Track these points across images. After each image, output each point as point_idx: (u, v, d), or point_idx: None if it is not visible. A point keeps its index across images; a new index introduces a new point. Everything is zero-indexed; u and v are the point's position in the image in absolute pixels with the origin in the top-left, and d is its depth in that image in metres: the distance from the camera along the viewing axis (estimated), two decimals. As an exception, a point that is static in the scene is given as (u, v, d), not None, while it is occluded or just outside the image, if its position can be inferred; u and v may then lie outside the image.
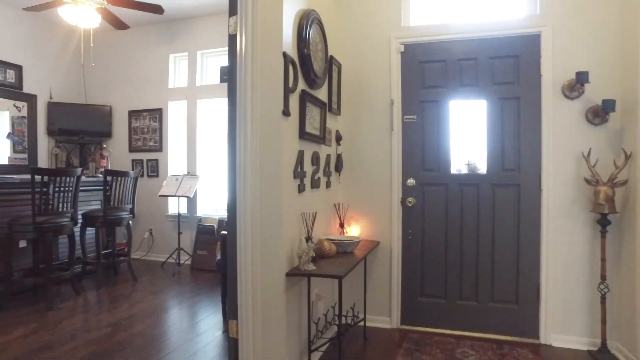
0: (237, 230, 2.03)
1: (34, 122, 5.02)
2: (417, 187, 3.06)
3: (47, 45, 5.17)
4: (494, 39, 2.87)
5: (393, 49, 3.07)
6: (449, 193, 3.01)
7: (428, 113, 3.04)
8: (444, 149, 3.01)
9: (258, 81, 1.99)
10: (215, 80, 4.97)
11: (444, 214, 3.02)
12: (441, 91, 3.01)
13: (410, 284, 3.08)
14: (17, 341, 2.80)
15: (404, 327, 3.08)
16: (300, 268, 2.13)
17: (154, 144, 5.22)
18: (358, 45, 3.15)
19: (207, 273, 4.61)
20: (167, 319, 3.25)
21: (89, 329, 3.02)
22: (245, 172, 1.98)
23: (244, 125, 1.98)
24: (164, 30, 5.18)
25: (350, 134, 3.17)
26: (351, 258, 2.44)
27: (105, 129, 5.39)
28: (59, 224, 3.58)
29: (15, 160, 4.83)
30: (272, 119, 2.04)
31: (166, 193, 4.70)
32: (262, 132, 2.01)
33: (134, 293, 3.89)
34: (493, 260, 2.91)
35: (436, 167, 3.03)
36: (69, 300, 3.66)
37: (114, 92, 5.46)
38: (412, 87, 3.06)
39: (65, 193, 3.61)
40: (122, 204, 4.17)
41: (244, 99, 1.98)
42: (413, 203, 3.06)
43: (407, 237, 3.09)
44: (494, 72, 2.88)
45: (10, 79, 4.78)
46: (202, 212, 5.02)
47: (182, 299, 3.74)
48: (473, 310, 2.95)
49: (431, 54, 3.02)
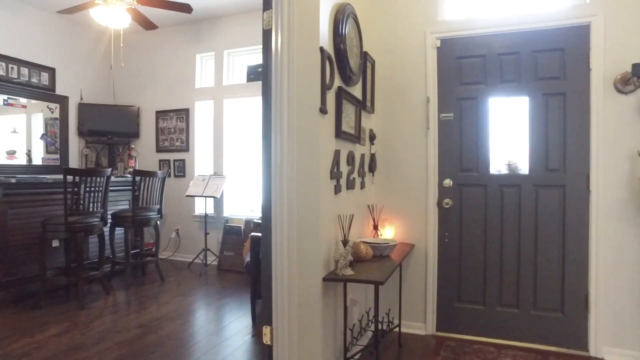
0: (272, 232, 1.95)
1: (65, 123, 5.10)
2: (454, 188, 2.93)
3: (78, 47, 5.26)
4: (537, 31, 2.71)
5: (429, 44, 2.94)
6: (488, 194, 2.86)
7: (466, 111, 2.91)
8: (483, 148, 2.87)
9: (295, 77, 1.91)
10: (242, 80, 4.94)
11: (482, 216, 2.88)
12: (480, 88, 2.87)
13: (446, 288, 2.95)
14: (51, 340, 2.81)
15: (440, 334, 2.95)
16: (337, 273, 2.04)
17: (181, 144, 5.23)
18: (392, 41, 3.04)
19: (233, 274, 4.57)
20: (195, 321, 3.21)
21: (119, 329, 3.01)
22: (282, 173, 1.90)
23: (280, 124, 1.91)
24: (191, 30, 5.18)
25: (384, 133, 3.07)
26: (388, 262, 2.33)
27: (133, 130, 5.44)
28: (90, 223, 3.60)
29: (48, 160, 4.92)
30: (309, 117, 1.96)
31: (193, 193, 4.69)
32: (299, 131, 1.93)
33: (161, 294, 3.88)
34: (536, 265, 2.75)
35: (474, 167, 2.90)
36: (99, 299, 3.68)
37: (141, 92, 5.50)
38: (449, 83, 2.93)
39: (96, 193, 3.63)
40: (150, 204, 4.18)
41: (280, 96, 1.91)
42: (450, 205, 2.93)
43: (443, 240, 2.96)
44: (537, 66, 2.72)
45: (44, 81, 4.87)
46: (228, 212, 4.99)
47: (210, 300, 3.70)
48: (514, 317, 2.79)
49: (469, 48, 2.88)
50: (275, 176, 1.91)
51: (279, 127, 1.91)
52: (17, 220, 3.57)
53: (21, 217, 3.60)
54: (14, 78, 4.59)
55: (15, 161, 4.61)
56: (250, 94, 4.83)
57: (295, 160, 1.92)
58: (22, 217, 3.61)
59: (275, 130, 1.92)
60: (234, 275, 4.52)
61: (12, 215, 3.52)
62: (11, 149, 4.59)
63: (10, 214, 3.51)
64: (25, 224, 3.63)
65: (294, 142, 1.91)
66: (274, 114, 1.94)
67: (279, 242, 1.91)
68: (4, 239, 3.46)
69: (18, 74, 4.63)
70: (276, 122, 1.92)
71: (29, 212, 3.66)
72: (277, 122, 1.92)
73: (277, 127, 1.92)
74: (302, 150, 1.94)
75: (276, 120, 1.92)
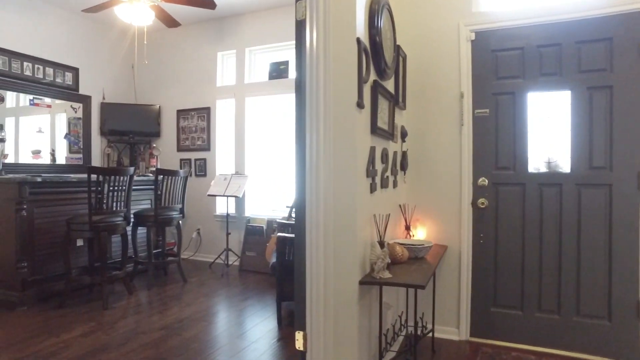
0: (307, 233, 1.86)
1: (88, 123, 5.12)
2: (489, 187, 2.80)
3: (100, 47, 5.27)
4: (581, 20, 2.56)
5: (462, 37, 2.82)
6: (526, 194, 2.72)
7: (502, 106, 2.77)
8: (521, 145, 2.73)
9: (331, 70, 1.81)
10: (264, 78, 4.88)
11: (520, 217, 2.73)
12: (517, 82, 2.73)
13: (481, 292, 2.82)
14: (77, 340, 2.77)
15: (474, 340, 2.82)
16: (374, 276, 1.93)
17: (202, 143, 5.19)
18: (424, 34, 2.92)
19: (256, 275, 4.51)
20: (219, 324, 3.14)
21: (144, 330, 2.96)
22: (318, 171, 1.81)
23: (316, 119, 1.81)
24: (212, 28, 5.15)
25: (415, 130, 2.95)
26: (425, 264, 2.22)
27: (154, 129, 5.43)
28: (113, 223, 3.57)
29: (71, 160, 4.94)
30: (346, 112, 1.86)
31: (215, 193, 4.64)
32: (336, 126, 1.83)
33: (184, 294, 3.83)
34: (579, 269, 2.60)
35: (511, 166, 2.76)
36: (122, 299, 3.65)
37: (162, 91, 5.49)
38: (484, 78, 2.80)
39: (119, 192, 3.60)
40: (173, 204, 4.14)
41: (316, 90, 1.81)
42: (485, 204, 2.80)
43: (478, 241, 2.83)
44: (580, 58, 2.57)
45: (68, 81, 4.89)
46: (250, 212, 4.93)
47: (233, 302, 3.64)
48: (555, 324, 2.64)
49: (506, 41, 2.74)
50: (311, 174, 1.82)
51: (314, 123, 1.82)
52: (43, 219, 3.57)
53: (46, 216, 3.60)
54: (39, 78, 4.62)
55: (40, 160, 4.64)
56: (272, 92, 4.77)
57: (332, 157, 1.82)
58: (47, 215, 3.61)
59: (310, 126, 1.83)
60: (256, 276, 4.45)
61: (38, 214, 3.52)
62: (36, 148, 4.61)
63: (36, 213, 3.51)
64: (50, 222, 3.62)
65: (330, 138, 1.81)
66: (309, 109, 1.85)
67: (314, 244, 1.82)
68: (31, 237, 3.46)
69: (43, 74, 4.66)
70: (311, 118, 1.83)
71: (53, 211, 3.66)
72: (312, 117, 1.83)
73: (313, 122, 1.82)
74: (338, 147, 1.84)
75: (311, 115, 1.83)
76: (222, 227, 4.98)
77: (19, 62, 4.44)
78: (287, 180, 4.80)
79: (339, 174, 1.85)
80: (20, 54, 4.44)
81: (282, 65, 4.74)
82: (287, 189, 4.78)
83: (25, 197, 3.37)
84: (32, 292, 3.44)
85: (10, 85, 4.36)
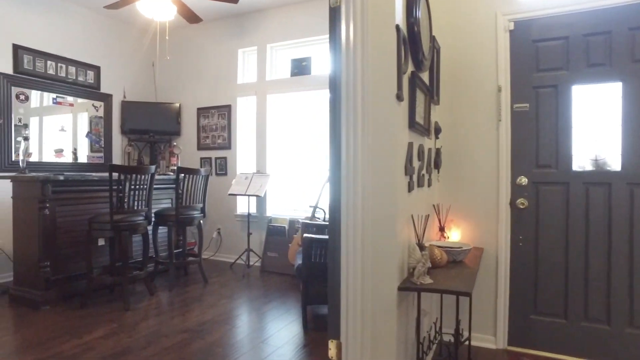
0: (342, 235, 1.74)
1: (109, 121, 5.10)
2: (529, 187, 2.63)
3: (121, 45, 5.25)
4: (634, 5, 2.37)
5: (500, 27, 2.65)
6: (570, 193, 2.54)
7: (544, 100, 2.60)
8: (564, 141, 2.55)
9: (370, 59, 1.68)
10: (286, 74, 4.77)
11: (563, 218, 2.55)
12: (561, 74, 2.55)
13: (520, 298, 2.65)
14: (99, 342, 2.71)
15: (512, 349, 2.65)
16: (414, 281, 1.79)
17: (223, 141, 5.12)
18: (458, 24, 2.76)
19: (277, 276, 4.40)
20: (242, 327, 3.04)
21: (166, 333, 2.88)
22: (355, 169, 1.68)
23: (353, 113, 1.69)
24: (233, 24, 5.07)
25: (449, 126, 2.80)
26: (466, 269, 2.07)
27: (174, 127, 5.38)
28: (135, 222, 3.51)
29: (92, 158, 4.93)
30: (384, 105, 1.73)
31: (236, 192, 4.56)
32: (374, 120, 1.70)
33: (205, 296, 3.74)
34: (632, 275, 2.40)
35: (554, 163, 2.58)
36: (143, 300, 3.59)
37: (183, 89, 5.44)
38: (523, 70, 2.63)
39: (140, 191, 3.54)
40: (194, 203, 4.06)
41: (353, 81, 1.68)
42: (525, 205, 2.62)
43: (516, 244, 2.66)
44: (634, 47, 2.38)
45: (89, 79, 4.88)
46: (271, 212, 4.83)
47: (256, 305, 3.53)
48: (604, 335, 2.46)
49: (548, 30, 2.57)
50: (348, 172, 1.69)
51: (351, 118, 1.69)
52: (65, 217, 3.53)
53: (68, 215, 3.56)
54: (62, 77, 4.61)
55: (63, 159, 4.64)
56: (294, 89, 4.66)
57: (370, 154, 1.69)
58: (69, 214, 3.57)
59: (347, 121, 1.70)
60: (278, 278, 4.35)
61: (60, 212, 3.48)
62: (59, 147, 4.61)
63: (59, 212, 3.47)
64: (72, 221, 3.59)
65: (368, 133, 1.68)
66: (345, 102, 1.72)
67: (351, 246, 1.69)
68: (53, 236, 3.43)
69: (66, 72, 4.65)
70: (348, 111, 1.70)
71: (75, 210, 3.62)
72: (348, 111, 1.70)
73: (349, 117, 1.70)
74: (376, 143, 1.71)
75: (347, 109, 1.70)
76: (243, 227, 4.90)
77: (42, 61, 4.44)
78: (310, 180, 4.69)
79: (377, 172, 1.72)
80: (44, 52, 4.44)
81: (304, 61, 4.62)
82: (309, 188, 4.67)
83: (48, 195, 3.34)
84: (54, 292, 3.40)
85: (35, 84, 4.37)
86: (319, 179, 4.53)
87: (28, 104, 4.32)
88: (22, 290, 3.43)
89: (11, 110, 4.18)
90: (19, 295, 3.44)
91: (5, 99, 4.13)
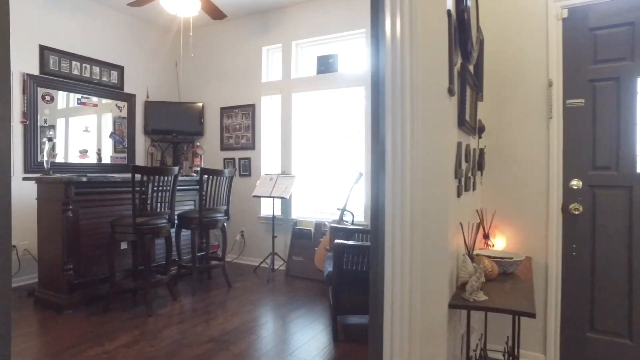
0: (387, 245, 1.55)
1: (132, 122, 5.05)
2: (584, 190, 2.38)
3: (144, 44, 5.20)
4: None
5: (552, 14, 2.42)
6: (634, 198, 2.28)
7: (602, 95, 2.35)
8: (626, 140, 2.29)
9: (419, 48, 1.49)
10: (312, 72, 4.61)
11: (625, 225, 2.30)
12: (623, 65, 2.29)
13: (573, 314, 2.41)
14: (121, 351, 2.60)
15: (565, 369, 2.41)
16: (467, 297, 1.59)
17: (247, 141, 5.00)
18: (504, 12, 2.54)
19: (303, 281, 4.24)
20: (269, 338, 2.89)
21: (190, 343, 2.75)
22: (403, 171, 1.50)
23: (401, 109, 1.50)
24: (257, 21, 4.94)
25: (492, 124, 2.58)
26: (520, 283, 1.86)
27: (197, 128, 5.29)
28: (158, 225, 3.40)
29: (116, 159, 4.88)
30: (433, 100, 1.54)
31: (260, 193, 4.42)
32: (424, 118, 1.51)
33: (229, 302, 3.61)
34: None
35: (613, 165, 2.33)
36: (166, 305, 3.48)
37: (206, 88, 5.35)
38: (578, 62, 2.39)
39: (163, 193, 3.44)
40: (217, 205, 3.94)
41: (401, 73, 1.50)
42: (579, 210, 2.38)
43: (569, 253, 2.42)
44: None
45: (113, 79, 4.84)
46: (297, 214, 4.67)
47: (282, 312, 3.38)
48: (673, 356, 2.20)
49: (609, 16, 2.32)
50: (395, 175, 1.50)
51: (398, 114, 1.51)
52: (88, 219, 3.46)
53: (91, 217, 3.49)
54: (87, 77, 4.58)
55: (87, 160, 4.60)
56: (321, 87, 4.49)
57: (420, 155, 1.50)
58: (92, 216, 3.50)
59: (392, 118, 1.52)
60: (304, 283, 4.19)
61: (83, 214, 3.41)
62: (83, 148, 4.57)
63: (82, 214, 3.40)
64: (95, 223, 3.51)
65: (418, 132, 1.50)
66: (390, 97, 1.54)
67: (397, 258, 1.51)
68: (77, 239, 3.36)
69: (90, 72, 4.62)
70: (394, 106, 1.52)
71: (98, 212, 3.55)
72: (395, 107, 1.52)
73: (397, 113, 1.51)
74: (426, 143, 1.52)
75: (394, 103, 1.52)
76: (267, 229, 4.76)
77: (67, 62, 4.41)
78: (337, 181, 4.51)
79: (427, 175, 1.53)
80: (69, 53, 4.41)
81: (331, 58, 4.45)
82: (336, 190, 4.49)
83: (71, 197, 3.27)
84: (77, 295, 3.33)
85: (60, 85, 4.34)
86: (347, 180, 4.35)
87: (53, 105, 4.29)
88: (47, 293, 3.38)
89: (37, 111, 4.16)
90: (43, 297, 3.39)
91: (32, 100, 4.11)
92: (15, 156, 4.01)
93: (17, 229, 3.95)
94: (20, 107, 4.03)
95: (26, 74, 4.06)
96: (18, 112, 4.03)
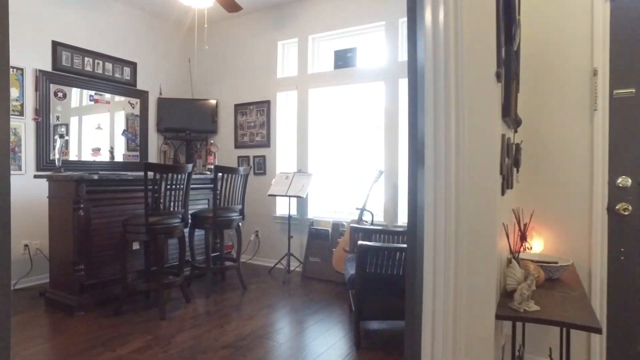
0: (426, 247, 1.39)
1: (145, 119, 4.96)
2: (634, 189, 2.18)
3: (157, 40, 5.11)
4: None
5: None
6: (689, 198, 2.08)
7: (653, 84, 2.15)
8: (680, 134, 2.09)
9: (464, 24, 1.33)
10: (329, 67, 4.45)
11: (679, 228, 2.10)
12: (677, 52, 2.09)
13: (622, 325, 2.21)
14: (133, 357, 2.47)
15: (610, 384, 2.21)
16: (515, 307, 1.42)
17: (261, 139, 4.86)
18: (543, -3, 2.35)
19: (320, 283, 4.09)
20: (288, 344, 2.74)
21: (204, 349, 2.62)
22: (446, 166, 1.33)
23: (444, 97, 1.33)
24: (272, 16, 4.80)
25: (529, 117, 2.39)
26: (570, 291, 1.68)
27: (210, 125, 5.18)
28: (171, 225, 3.28)
29: (128, 157, 4.79)
30: (482, 86, 1.37)
31: (276, 192, 4.28)
32: (470, 106, 1.34)
33: (245, 305, 3.47)
34: None
35: (666, 161, 2.13)
36: (179, 307, 3.36)
37: (219, 85, 5.23)
38: (627, 49, 2.19)
39: (177, 191, 3.31)
40: (232, 204, 3.81)
41: (445, 56, 1.33)
42: (628, 211, 2.18)
43: (616, 258, 2.22)
44: None
45: (126, 76, 4.75)
46: (313, 214, 4.51)
47: (300, 316, 3.23)
48: None
49: (660, -1, 2.12)
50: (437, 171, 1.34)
51: (441, 103, 1.34)
52: (100, 218, 3.35)
53: (103, 216, 3.39)
54: (100, 73, 4.49)
55: (99, 158, 4.52)
56: (338, 82, 4.33)
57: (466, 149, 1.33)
58: (104, 215, 3.39)
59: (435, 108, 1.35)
60: (321, 285, 4.03)
61: (94, 213, 3.31)
62: (96, 146, 4.49)
63: (93, 212, 3.30)
64: (106, 223, 3.41)
65: (464, 122, 1.33)
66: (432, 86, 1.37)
67: (441, 262, 1.34)
68: (88, 238, 3.25)
69: (103, 69, 4.53)
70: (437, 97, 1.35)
71: (110, 211, 3.44)
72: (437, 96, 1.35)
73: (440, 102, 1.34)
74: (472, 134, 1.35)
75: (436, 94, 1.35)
76: (282, 229, 4.62)
77: (80, 58, 4.33)
78: (355, 180, 4.34)
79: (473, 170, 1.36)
80: (82, 49, 4.33)
81: (349, 52, 4.29)
82: (354, 189, 4.33)
83: (83, 195, 3.16)
84: (89, 296, 3.23)
85: (73, 82, 4.26)
86: (366, 179, 4.18)
87: (66, 102, 4.21)
88: (58, 293, 3.28)
89: (50, 108, 4.08)
90: (54, 298, 3.29)
91: (44, 97, 4.03)
92: (27, 154, 3.93)
93: (29, 228, 3.88)
94: (32, 104, 3.95)
95: (39, 70, 3.98)
96: (30, 109, 3.95)
